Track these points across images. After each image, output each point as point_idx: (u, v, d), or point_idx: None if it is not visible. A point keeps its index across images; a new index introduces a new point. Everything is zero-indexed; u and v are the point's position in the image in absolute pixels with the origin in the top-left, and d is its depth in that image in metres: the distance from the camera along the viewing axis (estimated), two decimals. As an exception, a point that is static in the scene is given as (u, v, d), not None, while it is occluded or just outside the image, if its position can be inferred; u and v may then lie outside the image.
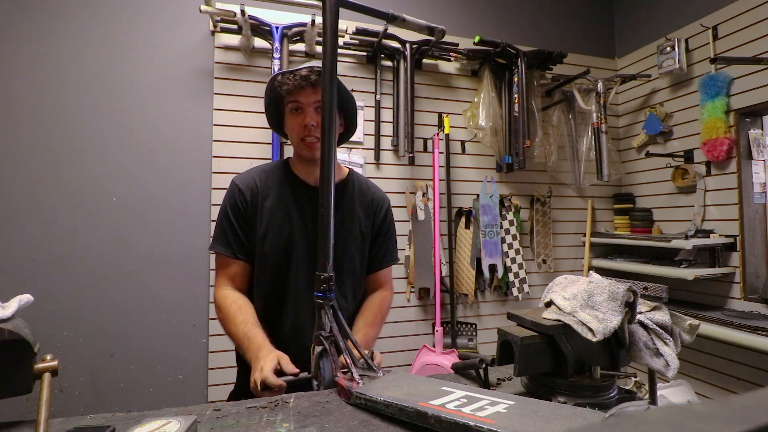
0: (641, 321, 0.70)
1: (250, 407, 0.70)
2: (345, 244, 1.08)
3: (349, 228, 1.10)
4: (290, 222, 1.05)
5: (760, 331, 1.71)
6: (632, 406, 0.46)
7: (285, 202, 1.06)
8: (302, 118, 1.01)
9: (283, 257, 1.04)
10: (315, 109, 1.01)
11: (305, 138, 1.02)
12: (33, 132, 1.88)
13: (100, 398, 1.88)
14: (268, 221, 1.04)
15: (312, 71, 0.98)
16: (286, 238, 1.04)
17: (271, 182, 1.08)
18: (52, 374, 0.64)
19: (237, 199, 1.05)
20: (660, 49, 2.38)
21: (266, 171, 1.10)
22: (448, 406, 0.59)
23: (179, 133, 2.04)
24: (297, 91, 0.99)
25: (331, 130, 0.85)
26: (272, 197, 1.06)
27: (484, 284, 2.42)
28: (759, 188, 2.11)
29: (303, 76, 0.98)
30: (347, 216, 1.10)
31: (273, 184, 1.07)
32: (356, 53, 2.30)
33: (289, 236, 1.04)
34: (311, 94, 1.00)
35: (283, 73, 1.00)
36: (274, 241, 1.04)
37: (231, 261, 1.05)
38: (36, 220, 1.86)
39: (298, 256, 1.04)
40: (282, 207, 1.05)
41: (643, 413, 0.16)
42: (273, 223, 1.04)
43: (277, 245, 1.04)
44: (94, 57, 1.96)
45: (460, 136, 2.46)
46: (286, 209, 1.05)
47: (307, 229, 1.06)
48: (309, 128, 1.01)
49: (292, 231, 1.04)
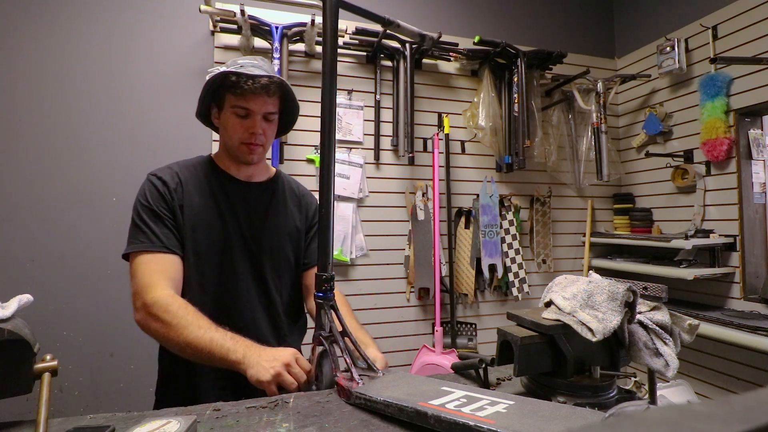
0: (641, 321, 0.70)
1: (250, 407, 0.70)
2: (280, 238, 1.08)
3: (284, 223, 1.10)
4: (220, 217, 1.01)
5: (760, 331, 1.71)
6: (632, 406, 0.46)
7: (214, 197, 1.02)
8: (250, 124, 0.99)
9: (218, 254, 0.99)
10: (264, 117, 1.00)
11: (249, 143, 1.00)
12: (33, 132, 1.88)
13: (100, 398, 1.88)
14: (196, 216, 0.98)
15: (272, 81, 0.97)
16: (219, 235, 1.00)
17: (195, 177, 1.03)
18: (51, 374, 0.63)
19: (161, 191, 0.97)
20: (660, 49, 2.38)
21: (187, 166, 1.05)
22: (447, 406, 0.59)
23: (179, 133, 2.04)
24: (251, 97, 0.96)
25: (331, 129, 0.85)
26: (198, 192, 1.01)
27: (484, 284, 2.42)
28: (759, 188, 2.11)
29: (263, 86, 0.96)
30: (281, 211, 1.10)
31: (198, 179, 1.02)
32: (356, 53, 2.30)
33: (223, 233, 1.00)
34: (264, 103, 0.99)
35: (238, 74, 0.95)
36: (206, 238, 0.98)
37: (164, 256, 0.93)
38: (36, 219, 1.86)
39: (236, 252, 1.01)
40: (210, 201, 1.01)
41: (642, 413, 0.16)
42: (202, 219, 0.99)
43: (209, 242, 0.99)
44: (94, 57, 1.96)
45: (459, 136, 2.46)
46: (215, 204, 1.01)
47: (241, 225, 1.03)
48: (256, 135, 1.00)
49: (225, 227, 1.00)
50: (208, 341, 0.83)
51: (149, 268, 0.92)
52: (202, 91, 1.01)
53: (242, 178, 1.07)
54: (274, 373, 0.78)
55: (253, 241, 1.04)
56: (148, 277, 0.91)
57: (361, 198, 2.25)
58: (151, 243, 0.93)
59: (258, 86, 0.95)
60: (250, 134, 1.00)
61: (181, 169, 1.03)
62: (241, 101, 0.97)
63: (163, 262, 0.93)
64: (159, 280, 0.91)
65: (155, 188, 0.99)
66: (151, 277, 0.91)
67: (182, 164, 1.05)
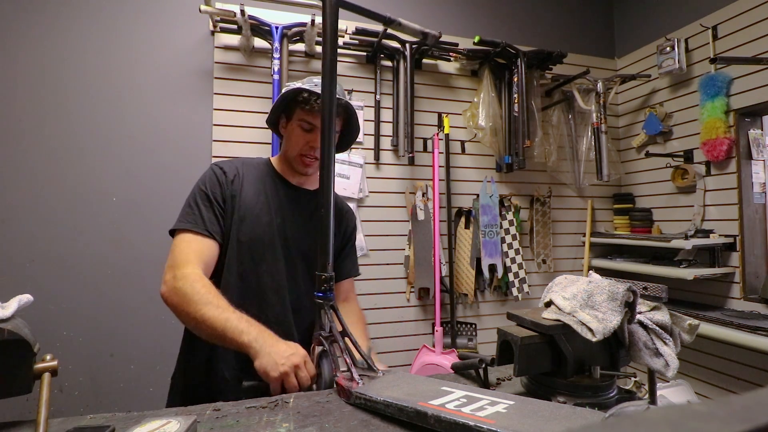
0: (641, 321, 0.70)
1: (250, 407, 0.70)
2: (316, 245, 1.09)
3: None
4: (269, 213, 1.07)
5: (760, 331, 1.71)
6: (632, 406, 0.46)
7: (265, 194, 1.09)
8: (312, 138, 1.07)
9: (260, 246, 1.05)
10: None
11: (307, 155, 1.09)
12: (33, 132, 1.88)
13: (100, 398, 1.88)
14: (247, 208, 1.05)
15: (339, 104, 1.04)
16: (263, 228, 1.06)
17: (253, 173, 1.11)
18: (51, 374, 0.63)
19: (219, 180, 1.06)
20: (660, 49, 2.38)
21: (248, 164, 1.14)
22: (447, 406, 0.59)
23: (179, 133, 2.04)
24: (318, 114, 1.04)
25: (330, 130, 0.86)
26: (253, 187, 1.08)
27: (484, 284, 2.42)
28: (759, 188, 2.11)
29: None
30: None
31: (255, 176, 1.11)
32: (356, 53, 2.30)
33: (267, 227, 1.06)
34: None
35: (310, 92, 1.04)
36: (251, 228, 1.04)
37: (203, 239, 1.00)
38: (36, 220, 1.86)
39: (276, 248, 1.06)
40: (262, 197, 1.08)
41: (642, 413, 0.16)
42: (251, 211, 1.05)
43: (253, 233, 1.04)
44: (94, 57, 1.96)
45: (459, 136, 2.46)
46: (266, 200, 1.08)
47: (284, 224, 1.09)
48: (315, 149, 1.07)
49: (270, 222, 1.07)
50: (223, 320, 0.87)
51: (188, 246, 0.98)
52: (276, 101, 1.10)
53: (294, 183, 1.15)
54: (283, 371, 0.79)
55: (293, 241, 1.09)
56: (184, 254, 0.97)
57: (361, 198, 2.25)
58: (196, 224, 1.00)
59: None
60: (309, 147, 1.08)
61: (243, 165, 1.12)
62: (308, 116, 1.07)
63: (201, 245, 0.99)
64: (193, 259, 0.96)
65: (215, 176, 1.06)
66: (187, 255, 0.97)
67: (245, 161, 1.15)
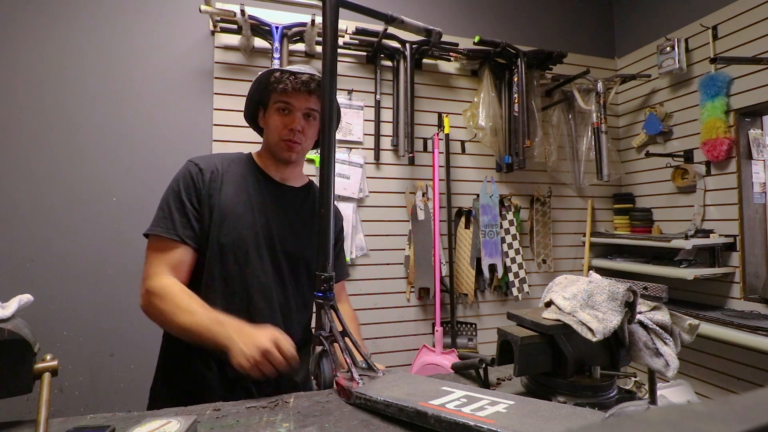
0: (641, 321, 0.70)
1: (250, 407, 0.70)
2: (302, 243, 1.08)
3: (309, 229, 1.10)
4: (251, 212, 1.01)
5: (760, 331, 1.71)
6: (632, 406, 0.46)
7: (247, 192, 1.03)
8: (290, 120, 1.01)
9: (243, 247, 0.99)
10: (304, 115, 1.02)
11: (288, 139, 1.02)
12: (33, 132, 1.88)
13: (100, 398, 1.88)
14: (228, 208, 0.99)
15: (313, 79, 0.99)
16: (246, 229, 1.00)
17: (233, 170, 1.04)
18: (51, 374, 0.63)
19: (195, 179, 0.99)
20: (660, 49, 2.38)
21: (228, 159, 1.07)
22: (448, 406, 0.59)
23: (179, 133, 2.04)
24: (293, 93, 0.99)
25: (331, 130, 0.86)
26: (233, 185, 1.02)
27: (484, 284, 2.42)
28: (759, 188, 2.11)
29: (304, 82, 0.98)
30: (308, 218, 1.11)
31: (235, 172, 1.04)
32: (356, 53, 2.30)
33: (251, 227, 1.00)
34: (305, 100, 1.01)
35: (282, 71, 0.99)
36: (233, 229, 0.98)
37: (175, 245, 0.96)
38: (36, 219, 1.86)
39: (259, 248, 1.01)
40: (243, 195, 1.02)
41: (642, 413, 0.16)
42: (233, 211, 0.99)
43: (235, 234, 0.98)
44: (94, 57, 1.96)
45: (459, 136, 2.46)
46: (248, 199, 1.02)
47: (268, 224, 1.03)
48: (294, 131, 1.01)
49: (253, 222, 1.01)
50: (196, 325, 0.86)
51: (156, 256, 0.96)
52: (249, 91, 1.05)
53: (278, 179, 1.09)
54: (253, 361, 0.79)
55: (278, 241, 1.04)
56: (154, 266, 0.95)
57: (361, 198, 2.25)
58: (167, 229, 0.96)
59: (299, 82, 0.98)
60: (289, 130, 1.01)
61: (223, 160, 1.06)
62: (283, 96, 1.00)
63: (172, 251, 0.96)
64: (163, 269, 0.94)
65: (189, 175, 1.00)
66: (156, 266, 0.95)
67: (224, 156, 1.08)
